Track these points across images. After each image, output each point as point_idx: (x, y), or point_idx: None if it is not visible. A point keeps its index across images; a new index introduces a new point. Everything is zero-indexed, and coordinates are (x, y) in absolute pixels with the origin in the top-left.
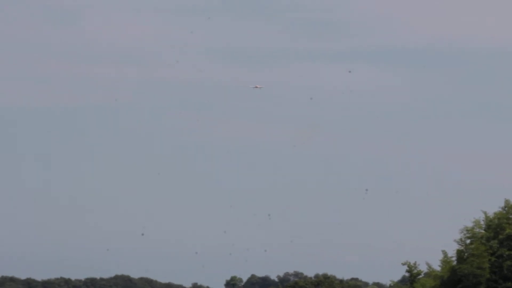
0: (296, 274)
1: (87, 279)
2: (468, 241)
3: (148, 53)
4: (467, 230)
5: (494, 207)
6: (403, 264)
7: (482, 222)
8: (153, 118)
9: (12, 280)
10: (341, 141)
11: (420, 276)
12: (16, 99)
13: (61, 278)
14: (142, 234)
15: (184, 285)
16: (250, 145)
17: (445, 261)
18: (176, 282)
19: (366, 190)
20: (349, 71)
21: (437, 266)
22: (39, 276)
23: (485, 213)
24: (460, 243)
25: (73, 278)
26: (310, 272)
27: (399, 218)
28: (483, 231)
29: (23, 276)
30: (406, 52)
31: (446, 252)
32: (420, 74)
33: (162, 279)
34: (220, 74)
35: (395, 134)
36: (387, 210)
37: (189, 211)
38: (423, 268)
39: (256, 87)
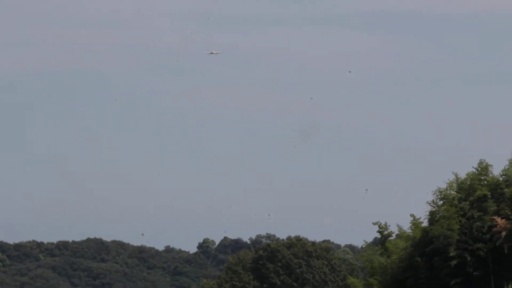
0: (269, 236)
1: (59, 242)
2: (440, 202)
3: (132, 19)
4: (440, 192)
5: (468, 170)
6: (374, 223)
7: (454, 184)
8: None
9: None
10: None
11: (391, 238)
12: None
13: (33, 241)
14: (142, 234)
15: (157, 247)
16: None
17: (415, 223)
18: (148, 245)
19: (366, 190)
20: (349, 71)
21: (408, 229)
22: (11, 239)
23: (455, 174)
24: (432, 204)
25: (45, 241)
26: (282, 234)
27: (372, 182)
28: (454, 193)
29: None
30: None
31: (414, 215)
32: (396, 37)
33: (135, 242)
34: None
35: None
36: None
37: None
38: (394, 230)
39: (212, 53)
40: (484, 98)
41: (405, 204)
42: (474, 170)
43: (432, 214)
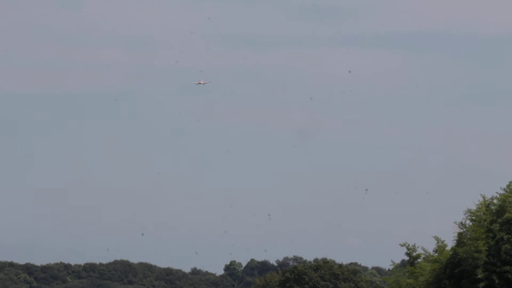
0: (296, 259)
1: (86, 264)
2: (470, 223)
3: (149, 39)
4: (470, 213)
5: (494, 191)
6: (402, 245)
7: (483, 206)
8: (153, 107)
9: (12, 265)
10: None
11: (419, 260)
12: (16, 84)
13: (61, 263)
14: (142, 234)
15: (184, 270)
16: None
17: (440, 246)
18: (175, 267)
19: (366, 190)
20: (349, 71)
21: (433, 252)
22: (39, 261)
23: (483, 196)
24: (460, 226)
25: (72, 263)
26: (309, 256)
27: (399, 205)
28: (484, 214)
29: (22, 261)
30: (406, 36)
31: (438, 238)
32: (418, 57)
33: (161, 264)
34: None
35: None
36: (388, 196)
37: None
38: (421, 251)
39: (200, 83)
40: (505, 118)
41: (430, 223)
42: (503, 191)
43: (460, 235)
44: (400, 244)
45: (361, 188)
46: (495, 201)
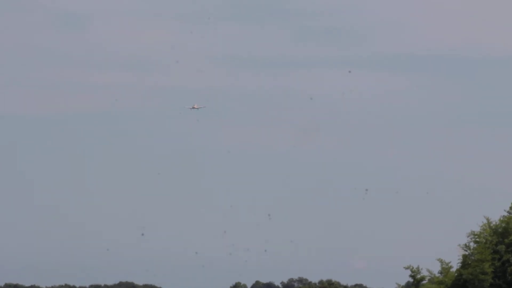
0: (300, 280)
1: (91, 286)
2: (474, 245)
3: (150, 59)
4: (474, 235)
5: (496, 212)
6: (406, 268)
7: (487, 227)
8: (154, 121)
9: (17, 287)
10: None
11: (424, 282)
12: (17, 106)
13: (66, 285)
14: (142, 234)
15: None
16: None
17: (445, 268)
18: (179, 287)
19: (366, 190)
20: (349, 71)
21: (437, 273)
22: (44, 283)
23: (487, 218)
24: (465, 248)
25: (77, 285)
26: (314, 278)
27: (400, 223)
28: (489, 236)
29: (27, 283)
30: (411, 58)
31: (442, 260)
32: (424, 79)
33: (167, 285)
34: (222, 80)
35: (399, 137)
36: (388, 214)
37: (189, 216)
38: (425, 274)
39: (194, 107)
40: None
41: (433, 245)
42: (507, 213)
43: (464, 257)
44: (404, 267)
45: (361, 189)
46: (498, 222)
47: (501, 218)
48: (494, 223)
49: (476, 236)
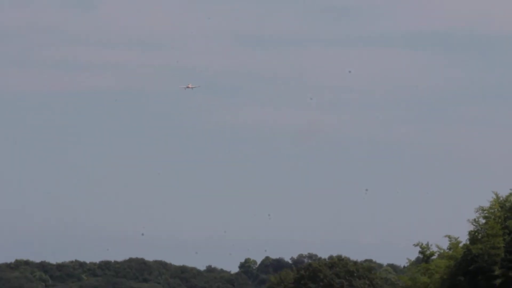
0: (310, 256)
1: (101, 262)
2: (483, 221)
3: (162, 39)
4: (483, 210)
5: (504, 187)
6: (415, 245)
7: (496, 203)
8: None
9: (27, 263)
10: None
11: (434, 257)
12: (30, 84)
13: (76, 261)
14: (142, 234)
15: (198, 267)
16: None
17: (454, 244)
18: (190, 265)
19: (366, 190)
20: (349, 71)
21: (447, 249)
22: (54, 259)
23: (496, 193)
24: (474, 223)
25: (87, 261)
26: (324, 254)
27: (411, 200)
28: (498, 211)
29: (37, 259)
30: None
31: (450, 236)
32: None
33: (177, 262)
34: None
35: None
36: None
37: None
38: (435, 249)
39: (188, 87)
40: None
41: (442, 220)
42: None
43: (472, 233)
44: (413, 245)
45: (363, 188)
46: (506, 198)
47: (510, 193)
48: (501, 198)
49: (485, 211)
